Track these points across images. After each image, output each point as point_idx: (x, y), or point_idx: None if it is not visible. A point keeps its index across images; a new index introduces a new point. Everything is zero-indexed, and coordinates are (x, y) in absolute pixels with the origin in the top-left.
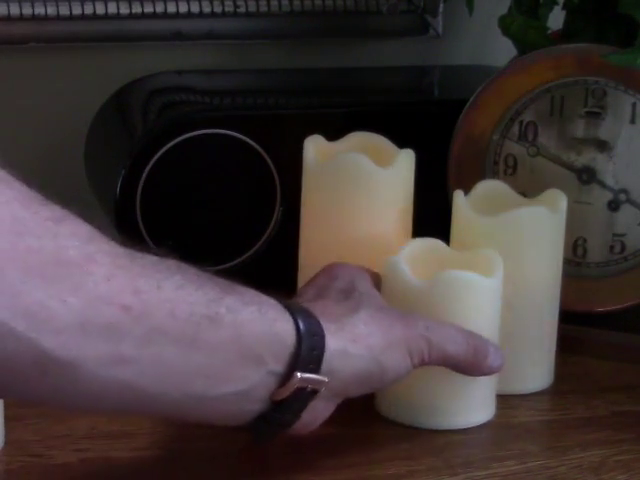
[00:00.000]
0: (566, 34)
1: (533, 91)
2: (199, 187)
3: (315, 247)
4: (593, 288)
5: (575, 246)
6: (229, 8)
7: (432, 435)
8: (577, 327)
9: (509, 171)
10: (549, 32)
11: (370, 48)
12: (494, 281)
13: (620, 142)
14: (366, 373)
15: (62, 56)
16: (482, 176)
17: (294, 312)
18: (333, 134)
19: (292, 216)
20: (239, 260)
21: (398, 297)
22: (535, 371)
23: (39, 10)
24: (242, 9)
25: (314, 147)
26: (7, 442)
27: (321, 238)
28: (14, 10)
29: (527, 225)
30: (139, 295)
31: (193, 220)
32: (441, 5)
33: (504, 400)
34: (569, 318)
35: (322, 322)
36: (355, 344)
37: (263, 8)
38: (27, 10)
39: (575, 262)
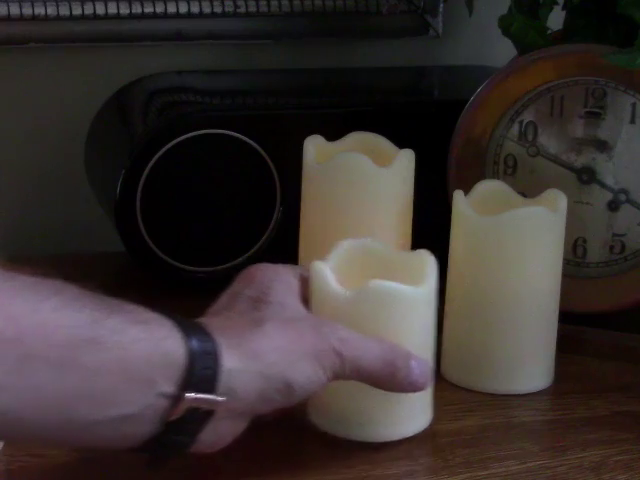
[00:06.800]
0: (566, 34)
1: (533, 91)
2: (199, 187)
3: (315, 247)
4: (593, 288)
5: (575, 246)
6: (229, 8)
7: (432, 435)
8: (577, 327)
9: (509, 171)
10: (549, 32)
11: (370, 48)
12: (423, 291)
13: (620, 142)
14: (270, 390)
15: (62, 56)
16: (482, 176)
17: (186, 329)
18: (333, 134)
19: (292, 216)
20: (239, 260)
21: (322, 306)
22: (535, 371)
23: (39, 10)
24: (242, 9)
25: (314, 147)
26: (7, 442)
27: (321, 238)
28: (14, 10)
29: (527, 225)
30: (11, 320)
31: (193, 220)
32: (441, 5)
33: (504, 400)
34: (569, 318)
35: (219, 339)
36: (255, 361)
37: (263, 8)
38: (27, 10)
39: (575, 262)
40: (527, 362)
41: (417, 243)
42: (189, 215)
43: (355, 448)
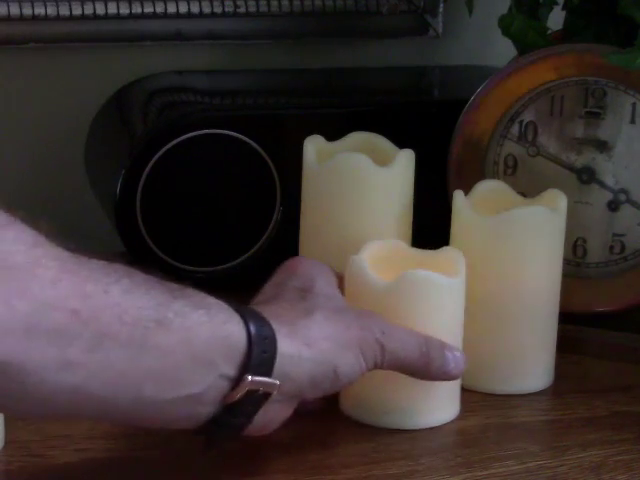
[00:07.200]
0: (566, 34)
1: (533, 91)
2: (199, 187)
3: (315, 247)
4: (593, 288)
5: (575, 246)
6: (229, 8)
7: (432, 435)
8: (577, 327)
9: (509, 171)
10: (549, 32)
11: (370, 48)
12: (457, 281)
13: (620, 142)
14: (320, 377)
15: (62, 56)
16: (482, 176)
17: (244, 315)
18: (333, 134)
19: (292, 216)
20: (239, 260)
21: (360, 297)
22: (535, 371)
23: (39, 10)
24: (242, 9)
25: (314, 147)
26: (7, 442)
27: (321, 238)
28: (14, 10)
29: (527, 225)
30: (87, 299)
31: (193, 220)
32: (441, 5)
33: (504, 400)
34: (569, 318)
35: (274, 325)
36: (308, 348)
37: (263, 8)
38: (27, 10)
39: (575, 262)
40: (527, 362)
41: (417, 243)
42: (189, 215)
43: (354, 447)
